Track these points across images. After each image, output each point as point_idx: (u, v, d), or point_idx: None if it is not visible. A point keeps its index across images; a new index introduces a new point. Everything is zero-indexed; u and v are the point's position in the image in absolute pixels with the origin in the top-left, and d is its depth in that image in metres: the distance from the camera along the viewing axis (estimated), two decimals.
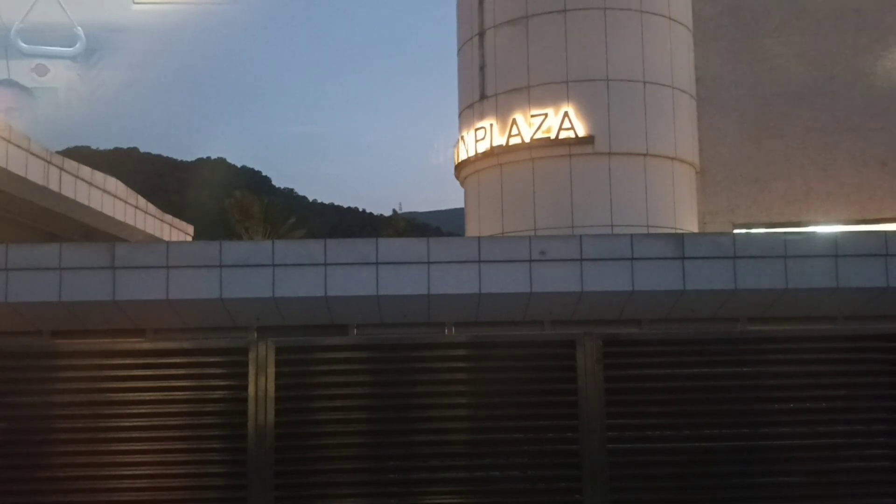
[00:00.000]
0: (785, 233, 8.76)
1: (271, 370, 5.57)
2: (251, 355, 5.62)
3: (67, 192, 12.75)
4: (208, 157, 72.70)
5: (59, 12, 10.37)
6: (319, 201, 75.78)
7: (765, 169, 17.86)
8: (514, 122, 16.90)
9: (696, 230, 17.28)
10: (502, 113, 17.10)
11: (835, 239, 8.55)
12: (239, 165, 72.15)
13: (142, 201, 16.16)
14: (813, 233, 11.20)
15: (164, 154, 71.97)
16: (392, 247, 8.46)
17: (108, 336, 8.38)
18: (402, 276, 8.38)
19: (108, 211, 14.22)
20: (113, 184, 14.63)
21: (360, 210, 74.31)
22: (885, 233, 8.55)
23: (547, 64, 16.84)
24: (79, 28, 10.60)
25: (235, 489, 5.61)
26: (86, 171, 13.49)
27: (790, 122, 17.81)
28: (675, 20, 17.40)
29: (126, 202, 15.12)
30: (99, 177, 13.91)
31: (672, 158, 16.96)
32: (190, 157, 73.04)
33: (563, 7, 16.85)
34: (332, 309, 8.46)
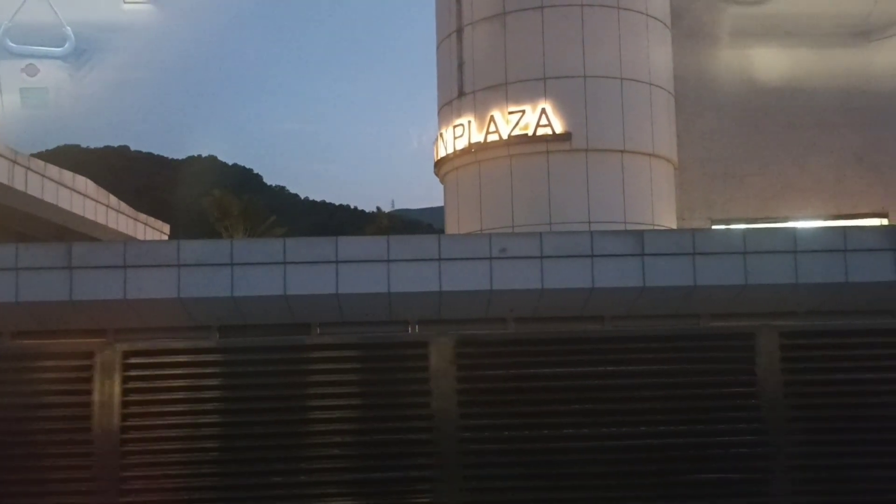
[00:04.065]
0: (744, 229, 8.78)
1: (118, 375, 5.46)
2: (97, 360, 5.50)
3: (34, 191, 12.67)
4: (199, 155, 72.54)
5: (48, 12, 10.36)
6: (311, 199, 75.70)
7: (742, 165, 17.89)
8: (491, 118, 16.89)
9: (674, 226, 17.30)
10: (480, 110, 17.09)
11: (794, 235, 8.56)
12: (230, 163, 71.99)
13: (114, 200, 16.06)
14: (772, 229, 11.23)
15: (155, 152, 71.81)
16: (352, 245, 8.46)
17: (69, 337, 8.37)
18: (362, 274, 8.38)
19: (77, 210, 14.13)
20: (83, 183, 14.55)
21: (352, 207, 74.20)
22: (844, 228, 8.57)
23: (524, 61, 16.82)
24: (68, 28, 10.57)
25: (80, 495, 5.44)
26: (53, 170, 13.42)
27: (768, 118, 17.84)
28: (652, 17, 17.39)
29: (97, 201, 15.03)
30: (68, 176, 13.84)
31: (649, 155, 16.96)
32: (181, 156, 72.83)
33: (540, 4, 16.83)
34: (293, 308, 8.46)
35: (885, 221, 17.27)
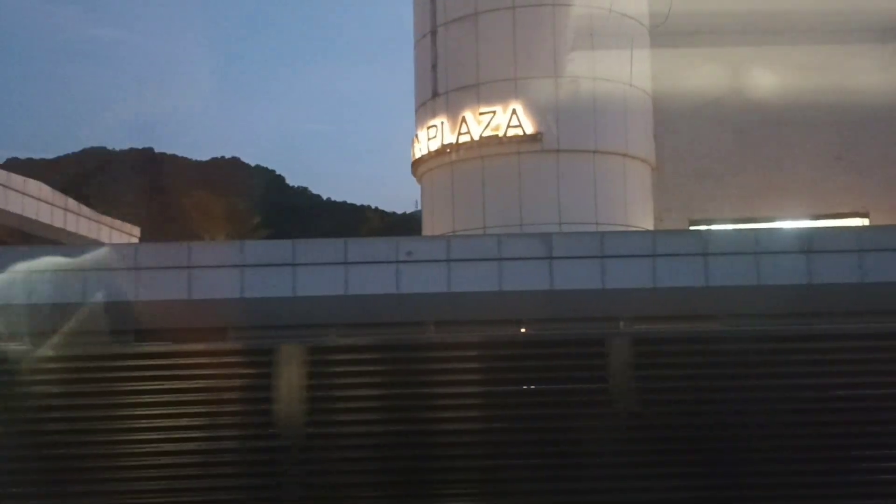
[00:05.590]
0: (655, 232, 8.66)
1: None
2: None
3: None
4: (222, 157, 73.09)
5: None
6: (333, 199, 75.95)
7: (721, 165, 17.65)
8: (463, 119, 16.84)
9: (651, 227, 17.10)
10: (453, 111, 17.05)
11: (705, 238, 8.44)
12: (252, 164, 72.46)
13: (73, 203, 16.16)
14: (682, 231, 11.07)
15: (179, 154, 72.60)
16: (257, 250, 8.47)
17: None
18: (268, 278, 8.40)
19: (30, 214, 14.26)
20: (36, 187, 14.66)
21: (373, 207, 74.35)
22: (755, 231, 8.43)
23: (495, 61, 16.75)
24: None
25: None
26: (1, 174, 13.56)
27: (746, 118, 17.58)
28: (628, 16, 17.22)
29: (53, 205, 15.15)
30: (17, 180, 13.95)
31: (623, 155, 16.78)
32: (204, 157, 73.53)
33: (511, 4, 16.75)
34: (199, 312, 8.50)
35: (866, 221, 16.95)
